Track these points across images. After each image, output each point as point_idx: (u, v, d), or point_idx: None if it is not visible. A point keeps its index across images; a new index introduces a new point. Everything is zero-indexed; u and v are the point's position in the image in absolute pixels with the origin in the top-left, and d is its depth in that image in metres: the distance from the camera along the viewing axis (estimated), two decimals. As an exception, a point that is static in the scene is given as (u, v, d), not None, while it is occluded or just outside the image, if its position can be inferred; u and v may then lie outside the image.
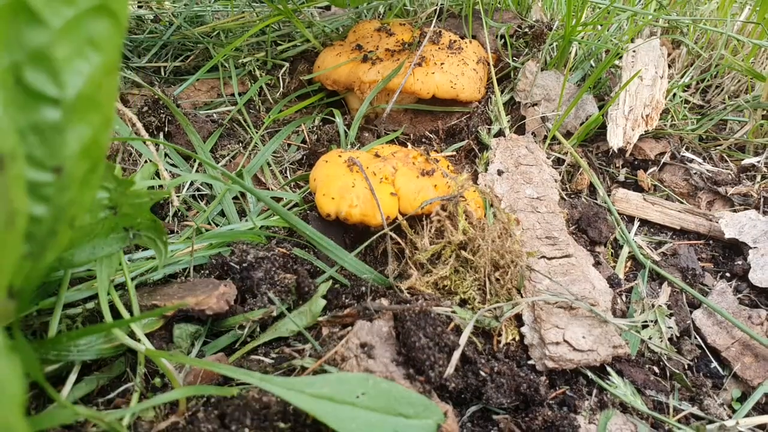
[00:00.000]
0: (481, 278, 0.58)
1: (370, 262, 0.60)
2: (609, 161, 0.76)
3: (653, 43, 0.90)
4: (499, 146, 0.71)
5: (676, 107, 0.84)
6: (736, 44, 0.92)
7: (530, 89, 0.79)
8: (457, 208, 0.59)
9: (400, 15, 0.95)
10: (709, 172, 0.74)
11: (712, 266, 0.66)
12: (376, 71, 0.73)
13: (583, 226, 0.68)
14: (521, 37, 0.88)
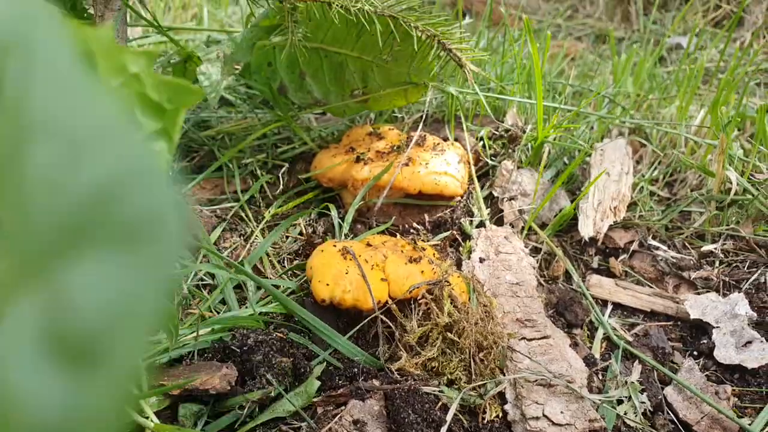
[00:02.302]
0: (467, 359, 0.62)
1: (363, 345, 0.65)
2: (582, 250, 0.82)
3: (619, 143, 0.99)
4: (481, 236, 0.78)
5: (643, 200, 0.92)
6: (693, 144, 1.02)
7: (507, 185, 0.87)
8: (442, 292, 0.64)
9: (389, 121, 1.05)
10: (674, 258, 0.81)
11: (680, 345, 0.71)
12: (368, 170, 0.81)
13: (560, 309, 0.73)
14: (498, 139, 0.97)
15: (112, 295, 0.13)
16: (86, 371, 0.13)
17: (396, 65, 0.90)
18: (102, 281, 0.13)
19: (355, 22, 0.81)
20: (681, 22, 2.13)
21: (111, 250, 0.13)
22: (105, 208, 0.13)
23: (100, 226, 0.13)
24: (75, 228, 0.13)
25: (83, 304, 0.13)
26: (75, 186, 0.14)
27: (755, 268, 0.80)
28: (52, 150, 0.14)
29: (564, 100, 1.21)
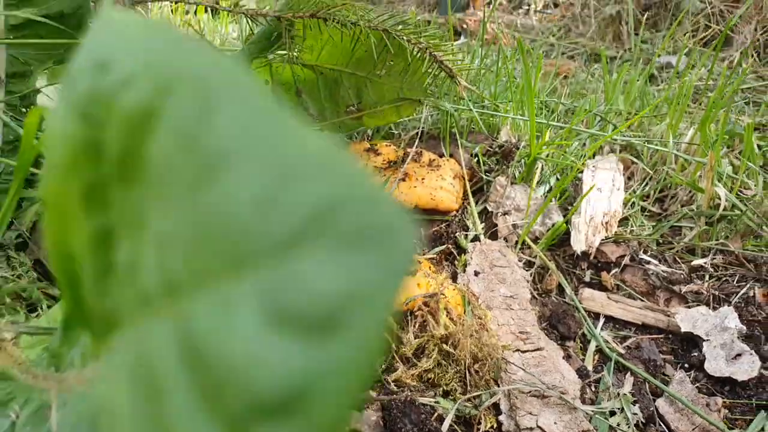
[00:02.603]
0: (462, 370, 0.63)
1: (360, 356, 0.66)
2: (575, 264, 0.84)
3: (611, 160, 1.01)
4: (475, 250, 0.79)
5: (634, 215, 0.94)
6: (683, 161, 1.04)
7: (501, 200, 0.88)
8: (438, 304, 0.65)
9: (386, 137, 1.07)
10: (665, 272, 0.82)
11: (671, 358, 0.72)
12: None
13: (554, 322, 0.74)
14: (492, 155, 0.99)
15: (348, 280, 0.14)
16: (326, 338, 0.13)
17: (389, 80, 0.92)
18: (334, 270, 0.14)
19: (350, 38, 0.83)
20: (671, 42, 2.17)
21: (339, 250, 0.14)
22: (325, 220, 0.14)
23: (321, 233, 0.14)
24: (294, 234, 0.14)
25: (316, 287, 0.14)
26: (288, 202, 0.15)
27: (744, 282, 0.82)
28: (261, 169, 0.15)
29: (556, 117, 1.23)
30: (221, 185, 0.16)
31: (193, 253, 0.16)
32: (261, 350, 0.14)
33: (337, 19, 0.79)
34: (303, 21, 0.83)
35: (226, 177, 0.16)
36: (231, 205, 0.16)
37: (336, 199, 0.14)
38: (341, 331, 0.13)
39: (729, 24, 1.18)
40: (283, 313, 0.14)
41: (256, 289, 0.15)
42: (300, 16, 0.83)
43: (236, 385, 0.14)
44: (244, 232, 0.15)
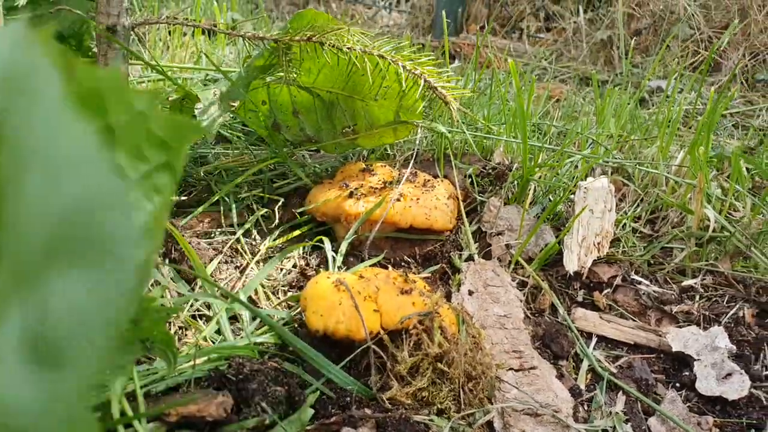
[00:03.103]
0: (456, 388, 0.64)
1: (355, 375, 0.66)
2: (567, 284, 0.85)
3: (602, 181, 1.03)
4: (469, 270, 0.81)
5: (626, 236, 0.95)
6: (673, 183, 1.06)
7: (495, 221, 0.90)
8: (433, 323, 0.66)
9: (381, 158, 1.08)
10: (656, 292, 0.83)
11: (663, 377, 0.73)
12: (361, 205, 0.83)
13: (547, 341, 0.75)
14: (486, 177, 1.00)
15: (79, 307, 0.15)
16: (55, 373, 0.14)
17: (385, 103, 0.93)
18: (73, 294, 0.15)
19: (346, 62, 0.85)
20: (661, 67, 2.21)
21: (84, 266, 0.15)
22: (78, 227, 0.15)
23: (74, 243, 0.15)
24: (55, 244, 0.15)
25: (56, 313, 0.15)
26: (53, 206, 0.16)
27: (734, 302, 0.83)
28: (39, 177, 0.16)
29: (549, 140, 1.25)
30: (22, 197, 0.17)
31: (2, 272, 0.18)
32: (12, 385, 0.15)
33: (334, 44, 0.81)
34: (300, 45, 0.84)
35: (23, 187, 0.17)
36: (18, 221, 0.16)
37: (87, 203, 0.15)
38: (67, 365, 0.14)
39: (713, 49, 1.21)
40: (36, 344, 0.15)
41: (21, 320, 0.15)
42: (297, 40, 0.85)
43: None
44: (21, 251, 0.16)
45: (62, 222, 0.16)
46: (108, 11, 0.77)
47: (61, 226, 0.16)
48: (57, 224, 0.16)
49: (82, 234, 0.16)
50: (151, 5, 1.88)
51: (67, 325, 0.15)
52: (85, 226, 0.16)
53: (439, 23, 2.67)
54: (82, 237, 0.16)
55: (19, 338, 0.15)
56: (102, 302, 0.15)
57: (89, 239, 0.15)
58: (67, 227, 0.16)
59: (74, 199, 0.16)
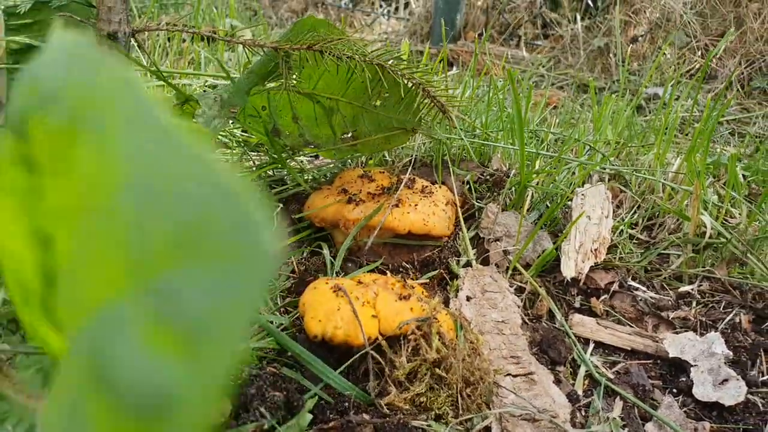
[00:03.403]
0: (454, 394, 0.64)
1: (353, 380, 0.66)
2: (565, 290, 0.85)
3: (599, 188, 1.03)
4: (467, 275, 0.81)
5: (623, 242, 0.96)
6: (670, 190, 1.07)
7: (492, 227, 0.90)
8: (431, 329, 0.66)
9: (379, 164, 1.09)
10: (653, 299, 0.84)
11: (660, 383, 0.73)
12: (359, 211, 0.84)
13: (544, 347, 0.75)
14: (484, 183, 1.01)
15: (214, 296, 0.15)
16: (193, 355, 0.15)
17: (384, 111, 0.94)
18: (204, 285, 0.15)
19: (346, 69, 0.85)
20: (658, 74, 2.22)
21: (211, 263, 0.16)
22: (202, 231, 0.16)
23: (199, 244, 0.16)
24: (176, 245, 0.16)
25: (189, 302, 0.15)
26: (175, 212, 0.16)
27: (730, 308, 0.83)
28: (150, 184, 0.17)
29: (546, 146, 1.26)
30: (116, 205, 0.18)
31: (95, 272, 0.18)
32: (139, 363, 0.16)
33: (334, 53, 0.82)
34: (300, 53, 0.85)
35: (119, 197, 0.18)
36: (121, 225, 0.17)
37: (205, 209, 0.16)
38: (203, 346, 0.15)
39: (709, 56, 1.22)
40: (162, 327, 0.16)
41: (142, 305, 0.16)
42: (297, 48, 0.85)
43: (117, 394, 0.16)
44: (132, 249, 0.17)
45: (186, 225, 0.17)
46: (109, 18, 0.78)
47: (186, 228, 0.17)
48: (180, 227, 0.17)
49: (211, 234, 0.16)
50: (151, 12, 1.89)
51: (203, 312, 0.15)
52: (211, 228, 0.17)
53: (438, 30, 2.68)
54: (211, 237, 0.16)
55: (144, 325, 0.16)
56: (239, 293, 0.15)
57: (215, 239, 0.16)
58: (192, 229, 0.17)
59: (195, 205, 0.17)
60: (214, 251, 0.16)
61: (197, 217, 0.16)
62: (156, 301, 0.16)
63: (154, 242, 0.16)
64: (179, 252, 0.16)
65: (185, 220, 0.16)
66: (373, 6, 3.23)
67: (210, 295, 0.15)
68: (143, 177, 0.17)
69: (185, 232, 0.16)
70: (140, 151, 0.17)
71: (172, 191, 0.17)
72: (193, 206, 0.16)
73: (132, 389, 0.15)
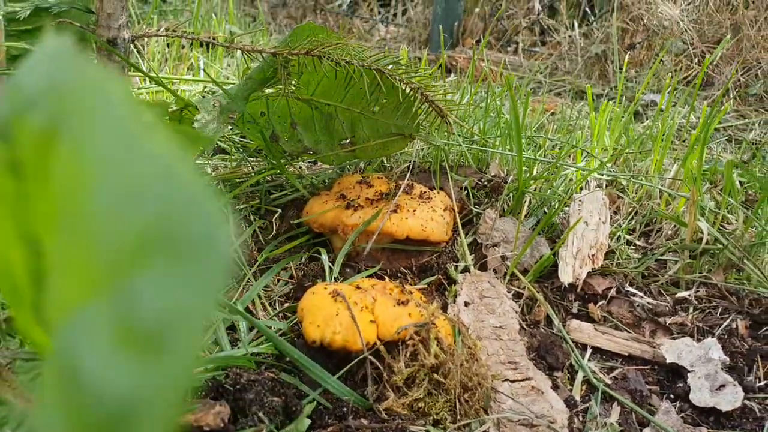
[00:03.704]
0: (452, 399, 0.64)
1: (352, 385, 0.67)
2: (562, 295, 0.85)
3: (597, 194, 1.04)
4: (465, 281, 0.81)
5: (620, 248, 0.96)
6: (667, 196, 1.07)
7: (490, 232, 0.90)
8: (429, 334, 0.66)
9: (378, 170, 1.09)
10: (650, 304, 0.84)
11: (657, 388, 0.73)
12: (358, 216, 0.84)
13: (542, 352, 0.75)
14: (482, 189, 1.01)
15: (172, 297, 0.16)
16: (153, 358, 0.15)
17: (382, 117, 0.94)
18: (164, 287, 0.16)
19: (344, 75, 0.86)
20: (655, 80, 2.23)
21: (171, 264, 0.16)
22: (163, 232, 0.16)
23: (160, 245, 0.16)
24: (139, 247, 0.16)
25: (149, 305, 0.16)
26: (138, 215, 0.17)
27: (727, 314, 0.84)
28: (117, 186, 0.17)
29: (544, 152, 1.27)
30: (89, 208, 0.18)
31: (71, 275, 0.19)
32: (105, 368, 0.16)
33: (332, 58, 0.82)
34: (299, 58, 0.85)
35: (92, 200, 0.18)
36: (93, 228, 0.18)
37: (169, 212, 0.17)
38: (166, 350, 0.16)
39: (706, 63, 1.22)
40: (128, 331, 0.16)
41: (110, 308, 0.17)
42: (296, 54, 0.86)
43: (84, 399, 0.16)
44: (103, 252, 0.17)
45: (147, 228, 0.17)
46: (109, 24, 0.78)
47: (147, 231, 0.17)
48: (141, 230, 0.17)
49: (171, 235, 0.17)
50: (150, 18, 1.90)
51: (162, 315, 0.16)
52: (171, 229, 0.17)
53: (436, 37, 2.70)
54: (169, 239, 0.17)
55: (109, 326, 0.16)
56: (193, 292, 0.16)
57: (176, 240, 0.17)
58: (152, 232, 0.17)
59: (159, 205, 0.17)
60: (173, 253, 0.16)
61: (159, 219, 0.16)
62: (122, 304, 0.16)
63: (120, 244, 0.17)
64: (143, 254, 0.16)
65: (147, 222, 0.16)
66: (372, 12, 3.24)
67: (169, 297, 0.16)
68: (112, 180, 0.17)
69: (148, 234, 0.16)
70: (110, 155, 0.18)
71: (137, 193, 0.17)
72: (155, 208, 0.17)
73: (98, 392, 0.15)
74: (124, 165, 0.18)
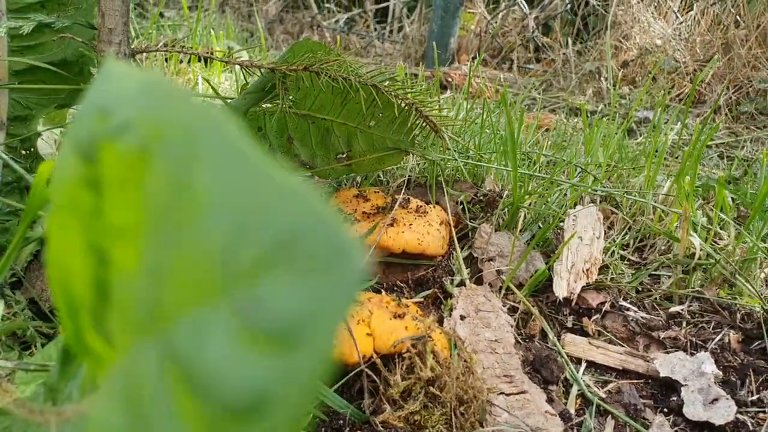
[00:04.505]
0: (448, 412, 0.65)
1: (348, 398, 0.67)
2: (557, 309, 0.86)
3: (591, 209, 1.05)
4: (461, 295, 0.82)
5: (614, 263, 0.97)
6: (660, 212, 1.08)
7: (486, 247, 0.91)
8: (425, 347, 0.67)
9: (374, 184, 1.10)
10: (644, 319, 0.85)
11: (651, 402, 0.74)
12: (354, 230, 0.85)
13: (537, 366, 0.76)
14: (477, 203, 1.02)
15: (306, 299, 0.16)
16: (288, 351, 0.16)
17: (379, 131, 0.96)
18: (293, 292, 0.17)
19: (341, 90, 0.87)
20: (648, 98, 2.26)
21: (304, 272, 0.17)
22: (287, 248, 0.17)
23: (284, 257, 0.17)
24: (261, 260, 0.17)
25: (284, 303, 0.16)
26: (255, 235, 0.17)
27: (720, 328, 0.84)
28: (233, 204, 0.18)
29: (539, 168, 1.28)
30: (202, 223, 0.19)
31: (177, 283, 0.19)
32: (232, 363, 0.17)
33: (330, 74, 0.83)
34: (297, 74, 0.87)
35: (207, 216, 0.19)
36: (209, 242, 0.19)
37: (296, 229, 0.18)
38: (299, 346, 0.16)
39: (696, 81, 1.24)
40: (253, 331, 0.17)
41: (230, 311, 0.17)
42: (294, 69, 0.87)
43: (210, 393, 0.17)
44: (219, 263, 0.18)
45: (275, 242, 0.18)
46: (110, 39, 0.79)
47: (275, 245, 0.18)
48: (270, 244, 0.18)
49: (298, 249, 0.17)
50: (149, 33, 1.91)
51: (298, 315, 0.16)
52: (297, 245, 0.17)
53: (431, 54, 2.73)
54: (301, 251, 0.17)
55: (231, 330, 0.17)
56: (332, 297, 0.17)
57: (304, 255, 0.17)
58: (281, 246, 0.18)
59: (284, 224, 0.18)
60: (306, 264, 0.17)
61: (288, 236, 0.17)
62: (248, 307, 0.17)
63: (244, 257, 0.17)
64: (271, 265, 0.17)
65: (276, 239, 0.17)
66: (368, 29, 3.28)
67: (304, 301, 0.16)
68: (231, 201, 0.18)
69: (275, 249, 0.17)
70: (226, 179, 0.19)
71: (263, 212, 0.18)
72: (283, 226, 0.17)
73: (226, 388, 0.16)
74: (244, 188, 0.19)
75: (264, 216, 0.18)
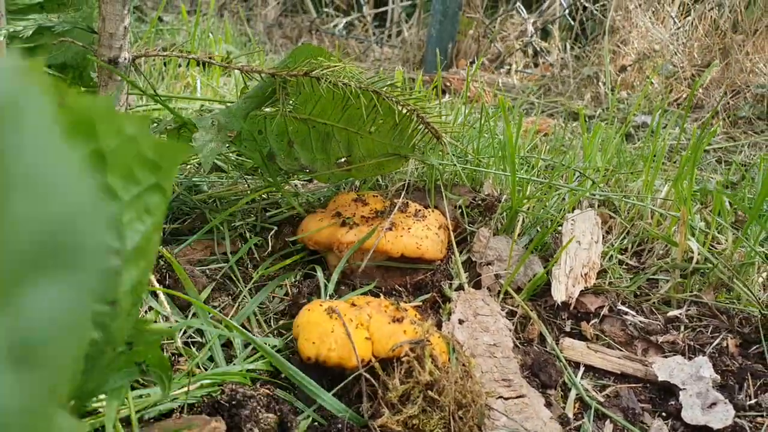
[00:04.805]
0: (446, 416, 0.65)
1: (347, 402, 0.67)
2: (555, 313, 0.86)
3: (589, 214, 1.05)
4: (460, 299, 0.82)
5: (612, 267, 0.97)
6: (659, 216, 1.09)
7: (484, 251, 0.92)
8: (424, 351, 0.67)
9: (373, 188, 1.10)
10: (642, 323, 0.85)
11: (649, 406, 0.74)
12: (353, 234, 0.85)
13: (535, 370, 0.76)
14: (476, 208, 1.02)
15: (51, 311, 0.16)
16: (28, 373, 0.16)
17: (379, 137, 0.96)
18: (46, 301, 0.16)
19: (342, 96, 0.87)
20: (646, 102, 2.27)
21: (56, 275, 0.17)
22: (53, 242, 0.17)
23: (50, 256, 0.17)
24: (33, 257, 0.17)
25: (31, 318, 0.16)
26: (33, 223, 0.17)
27: (717, 333, 0.85)
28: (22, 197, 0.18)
29: (537, 172, 1.28)
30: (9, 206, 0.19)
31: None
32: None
33: (330, 80, 0.84)
34: (297, 79, 0.87)
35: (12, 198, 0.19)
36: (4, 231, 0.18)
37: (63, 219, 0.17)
38: (39, 365, 0.16)
39: (695, 86, 1.25)
40: (12, 346, 0.16)
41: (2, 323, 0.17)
42: (294, 75, 0.87)
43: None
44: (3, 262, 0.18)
45: (41, 237, 0.17)
46: (110, 44, 0.80)
47: (40, 240, 0.17)
48: (36, 239, 0.17)
49: (57, 247, 0.17)
50: (147, 37, 1.92)
51: (40, 328, 0.16)
52: (60, 240, 0.17)
53: (430, 58, 2.73)
54: (57, 250, 0.17)
55: (3, 342, 0.16)
56: (70, 306, 0.16)
57: (63, 251, 0.17)
58: (44, 242, 0.17)
59: (53, 216, 0.18)
60: (61, 264, 0.17)
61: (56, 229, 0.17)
62: (13, 318, 0.16)
63: (22, 253, 0.17)
64: (38, 265, 0.17)
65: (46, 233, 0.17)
66: (367, 34, 3.29)
67: (51, 311, 0.16)
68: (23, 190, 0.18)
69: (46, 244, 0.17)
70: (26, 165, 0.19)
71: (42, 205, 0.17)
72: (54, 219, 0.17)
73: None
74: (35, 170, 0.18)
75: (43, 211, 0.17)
